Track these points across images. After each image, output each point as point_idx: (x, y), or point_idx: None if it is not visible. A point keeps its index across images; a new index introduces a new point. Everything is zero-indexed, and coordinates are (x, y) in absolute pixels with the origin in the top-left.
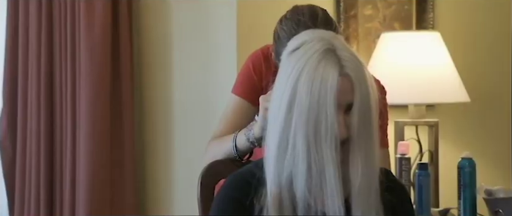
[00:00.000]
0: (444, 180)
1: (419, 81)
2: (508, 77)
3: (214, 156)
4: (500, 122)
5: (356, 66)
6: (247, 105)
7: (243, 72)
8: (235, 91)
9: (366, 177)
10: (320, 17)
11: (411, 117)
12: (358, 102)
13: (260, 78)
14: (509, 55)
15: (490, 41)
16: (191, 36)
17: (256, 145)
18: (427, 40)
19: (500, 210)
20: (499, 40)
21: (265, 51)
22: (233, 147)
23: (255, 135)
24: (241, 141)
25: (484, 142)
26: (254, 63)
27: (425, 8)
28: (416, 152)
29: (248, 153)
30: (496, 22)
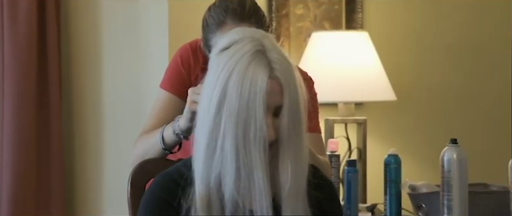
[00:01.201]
0: (371, 176)
1: (349, 80)
2: (432, 76)
3: (143, 150)
4: (425, 120)
5: (286, 68)
6: (175, 100)
7: (171, 66)
8: (163, 85)
9: (295, 178)
10: (248, 5)
11: (340, 115)
12: (287, 105)
13: (189, 72)
14: (433, 54)
15: (416, 41)
16: (122, 34)
17: (182, 138)
18: (356, 40)
19: (422, 204)
20: (424, 40)
21: (193, 45)
22: (160, 140)
23: (180, 127)
24: (168, 134)
25: (409, 139)
26: (182, 57)
27: (354, 9)
28: (345, 149)
29: (175, 145)
30: (421, 22)
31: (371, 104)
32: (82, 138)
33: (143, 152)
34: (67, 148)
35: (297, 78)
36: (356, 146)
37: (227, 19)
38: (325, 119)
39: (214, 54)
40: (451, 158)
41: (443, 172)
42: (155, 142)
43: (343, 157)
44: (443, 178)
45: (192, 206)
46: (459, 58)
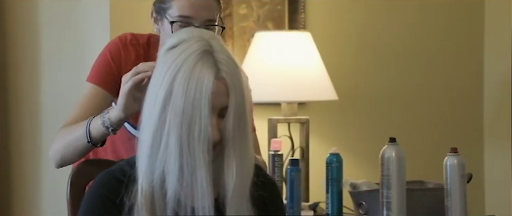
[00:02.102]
0: (314, 175)
1: (291, 80)
2: (373, 77)
3: (65, 144)
4: (365, 119)
5: (232, 69)
6: (103, 93)
7: (100, 60)
8: (91, 79)
9: (240, 179)
10: None
11: (283, 114)
12: (233, 106)
13: (119, 66)
14: (374, 55)
15: (358, 42)
16: (61, 33)
17: (111, 131)
18: (298, 40)
19: (363, 202)
20: (365, 40)
21: (123, 39)
22: (86, 132)
23: (111, 119)
24: (96, 126)
25: (350, 138)
26: (112, 51)
27: (297, 9)
28: (288, 148)
29: (102, 139)
30: (363, 23)
31: (313, 103)
32: (20, 139)
33: (65, 146)
34: (4, 149)
35: (244, 80)
36: (299, 145)
37: None
38: (268, 119)
39: (162, 52)
40: (390, 157)
41: (382, 170)
42: (80, 135)
43: (286, 156)
44: (382, 176)
45: (134, 204)
46: (399, 59)
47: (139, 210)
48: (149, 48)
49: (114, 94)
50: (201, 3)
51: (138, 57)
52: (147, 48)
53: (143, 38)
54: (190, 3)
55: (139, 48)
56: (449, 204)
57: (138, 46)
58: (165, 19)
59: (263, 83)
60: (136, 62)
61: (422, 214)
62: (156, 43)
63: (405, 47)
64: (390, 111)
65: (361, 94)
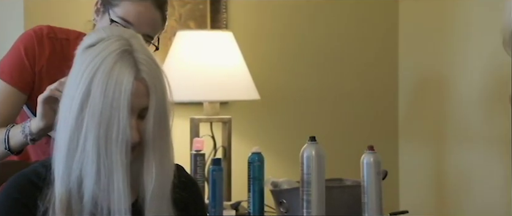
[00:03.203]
0: (236, 174)
1: (214, 80)
2: (294, 76)
3: None
4: (287, 119)
5: (153, 70)
6: (16, 93)
7: (13, 55)
8: (3, 76)
9: (160, 181)
10: None
11: (206, 114)
12: (153, 107)
13: (33, 63)
14: (296, 55)
15: (280, 41)
16: None
17: (30, 141)
18: (220, 40)
19: (283, 200)
20: (287, 40)
21: (38, 32)
22: (4, 141)
23: (31, 129)
24: (15, 134)
25: (272, 138)
26: (26, 47)
27: (219, 9)
28: (210, 148)
29: (21, 148)
30: (285, 23)
31: (236, 103)
32: None
33: None
34: None
35: (165, 80)
36: (221, 145)
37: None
38: (190, 118)
39: (80, 51)
40: (310, 155)
41: (303, 169)
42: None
43: (209, 156)
44: (302, 174)
45: (49, 207)
46: (320, 60)
47: (55, 214)
48: (69, 44)
49: (28, 93)
50: (148, 17)
51: (54, 52)
52: (66, 43)
53: (62, 32)
54: (138, 12)
55: (56, 43)
56: (366, 200)
57: (56, 40)
58: (107, 15)
59: (185, 83)
60: (52, 58)
61: (341, 211)
62: (76, 39)
63: (324, 48)
64: (310, 111)
65: (282, 94)
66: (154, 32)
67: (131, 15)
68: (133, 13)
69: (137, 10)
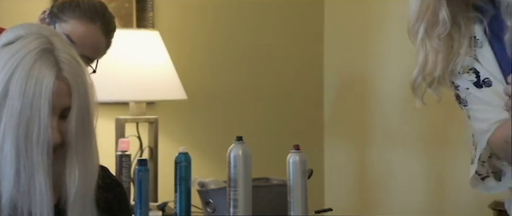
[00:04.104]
0: (163, 175)
1: (140, 79)
2: (221, 76)
3: None
4: (214, 118)
5: (75, 69)
6: None
7: None
8: None
9: (83, 182)
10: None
11: (132, 114)
12: (76, 107)
13: None
14: (223, 55)
15: (207, 41)
16: None
17: None
18: (147, 39)
19: (210, 200)
20: (215, 40)
21: None
22: None
23: None
24: None
25: (199, 137)
26: None
27: (145, 7)
28: (136, 149)
29: None
30: (212, 23)
31: (162, 103)
32: None
33: None
34: None
35: (88, 80)
36: (148, 145)
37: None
38: (116, 119)
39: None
40: (237, 155)
41: (230, 168)
42: None
43: (135, 156)
44: (229, 174)
45: None
46: (247, 59)
47: None
48: None
49: None
50: (93, 40)
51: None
52: None
53: None
54: (84, 33)
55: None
56: (292, 199)
57: None
58: (52, 27)
59: (110, 82)
60: None
61: (268, 210)
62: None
63: (251, 48)
64: (237, 111)
65: (209, 94)
66: (95, 56)
67: (77, 35)
68: (79, 33)
69: (84, 31)
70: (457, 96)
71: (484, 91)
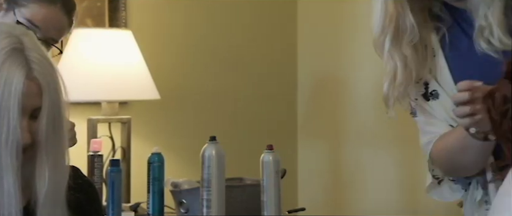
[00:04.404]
0: (136, 176)
1: (112, 79)
2: (195, 76)
3: None
4: (187, 118)
5: (46, 69)
6: None
7: None
8: None
9: (53, 183)
10: None
11: (104, 114)
12: (46, 107)
13: None
14: (196, 55)
15: (180, 41)
16: None
17: None
18: (119, 38)
19: (183, 200)
20: (188, 40)
21: None
22: None
23: None
24: None
25: (173, 138)
26: None
27: (118, 7)
28: (109, 149)
29: None
30: (185, 23)
31: (135, 103)
32: None
33: None
34: None
35: (59, 80)
36: (120, 145)
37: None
38: (88, 119)
39: None
40: (210, 155)
41: (203, 169)
42: None
43: (107, 157)
44: (202, 174)
45: None
46: (220, 59)
47: None
48: None
49: None
50: (56, 21)
51: None
52: None
53: None
54: (45, 15)
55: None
56: (265, 198)
57: None
58: (11, 14)
59: (82, 82)
60: None
61: (241, 210)
62: None
63: (224, 47)
64: (211, 111)
65: (183, 94)
66: (60, 36)
67: (39, 18)
68: (41, 16)
69: (45, 13)
70: (410, 106)
71: (431, 104)
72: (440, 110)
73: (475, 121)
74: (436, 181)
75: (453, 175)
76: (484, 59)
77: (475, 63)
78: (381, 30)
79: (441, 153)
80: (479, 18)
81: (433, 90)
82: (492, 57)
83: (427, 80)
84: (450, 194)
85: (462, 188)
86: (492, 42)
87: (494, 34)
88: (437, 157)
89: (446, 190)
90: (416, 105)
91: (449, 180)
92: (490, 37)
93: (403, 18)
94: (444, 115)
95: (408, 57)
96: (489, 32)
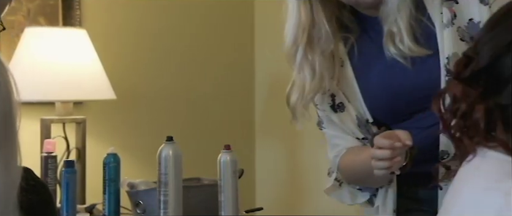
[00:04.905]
0: (91, 177)
1: (66, 78)
2: (151, 76)
3: None
4: (144, 118)
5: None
6: None
7: None
8: None
9: (5, 186)
10: None
11: (58, 114)
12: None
13: None
14: (152, 54)
15: (135, 40)
16: None
17: None
18: (73, 37)
19: (140, 201)
20: (143, 39)
21: None
22: None
23: None
24: None
25: (129, 138)
26: None
27: (72, 5)
28: (63, 150)
29: None
30: (140, 22)
31: (90, 102)
32: None
33: None
34: None
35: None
36: (75, 146)
37: None
38: (41, 119)
39: None
40: (167, 155)
41: (160, 169)
42: None
43: (61, 158)
44: (159, 174)
45: None
46: (176, 59)
47: None
48: None
49: None
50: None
51: None
52: None
53: None
54: None
55: None
56: (223, 198)
57: None
58: None
59: (35, 81)
60: None
61: (199, 210)
62: None
63: (181, 47)
64: (168, 111)
65: (139, 93)
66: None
67: None
68: None
69: None
70: (318, 116)
71: (338, 116)
72: (347, 122)
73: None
74: (337, 183)
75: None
76: (391, 66)
77: (381, 71)
78: (293, 41)
79: (348, 172)
80: (390, 24)
81: (340, 102)
82: (399, 63)
83: (334, 91)
84: (350, 199)
85: (369, 193)
86: (400, 48)
87: (404, 40)
88: (344, 173)
89: (346, 194)
90: (324, 115)
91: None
92: (400, 44)
93: (318, 26)
94: (351, 127)
95: (319, 67)
96: (399, 38)
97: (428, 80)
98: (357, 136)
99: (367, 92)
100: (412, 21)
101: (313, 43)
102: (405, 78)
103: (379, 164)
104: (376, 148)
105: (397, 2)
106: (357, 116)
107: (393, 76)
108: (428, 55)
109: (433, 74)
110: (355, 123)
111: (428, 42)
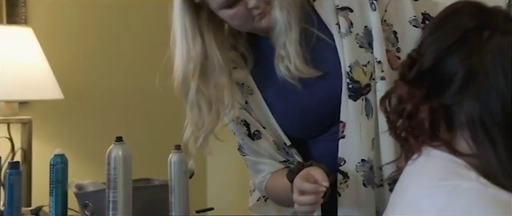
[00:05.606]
0: (38, 178)
1: (11, 78)
2: (99, 75)
3: None
4: (93, 118)
5: None
6: None
7: None
8: None
9: None
10: None
11: (2, 115)
12: None
13: None
14: (99, 53)
15: (82, 39)
16: None
17: None
18: (19, 36)
19: (88, 203)
20: (89, 38)
21: None
22: None
23: None
24: None
25: (77, 138)
26: None
27: (17, 3)
28: (8, 151)
29: None
30: (85, 21)
31: (37, 102)
32: None
33: None
34: None
35: None
36: (20, 147)
37: None
38: None
39: None
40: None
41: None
42: None
43: (6, 159)
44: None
45: None
46: (124, 58)
47: None
48: None
49: None
50: None
51: None
52: None
53: None
54: None
55: None
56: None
57: None
58: None
59: None
60: None
61: (149, 211)
62: None
63: (129, 45)
64: (117, 111)
65: (87, 93)
66: None
67: None
68: None
69: None
70: (238, 143)
71: (257, 143)
72: (267, 148)
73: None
74: (263, 199)
75: None
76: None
77: (284, 93)
78: (183, 78)
79: (274, 197)
80: (279, 47)
81: (256, 130)
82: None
83: (247, 120)
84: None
85: None
86: (290, 69)
87: (291, 61)
88: (270, 197)
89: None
90: (243, 143)
91: None
92: (289, 65)
93: (211, 58)
94: (271, 152)
95: (214, 100)
96: (287, 60)
97: (329, 94)
98: (278, 159)
99: (279, 115)
100: (303, 42)
101: (207, 76)
102: (307, 96)
103: (303, 209)
104: (299, 193)
105: (285, 24)
106: (274, 141)
107: (295, 96)
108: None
109: (334, 87)
110: (274, 148)
111: (325, 55)
